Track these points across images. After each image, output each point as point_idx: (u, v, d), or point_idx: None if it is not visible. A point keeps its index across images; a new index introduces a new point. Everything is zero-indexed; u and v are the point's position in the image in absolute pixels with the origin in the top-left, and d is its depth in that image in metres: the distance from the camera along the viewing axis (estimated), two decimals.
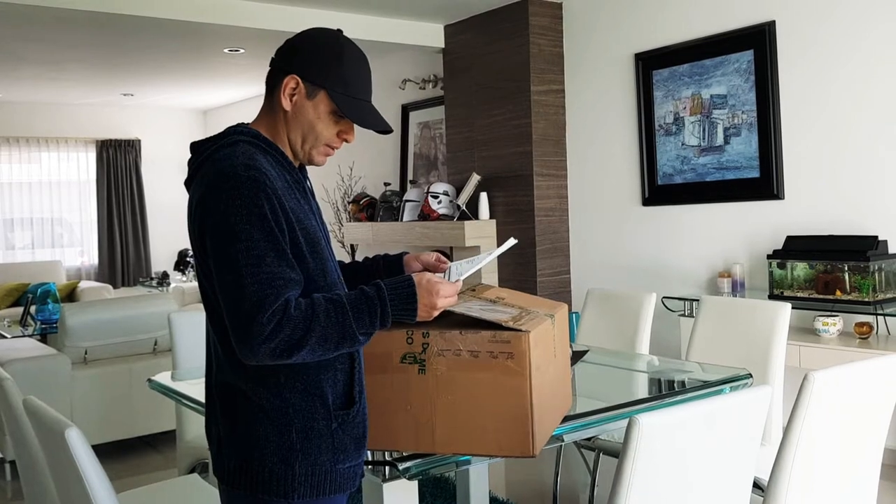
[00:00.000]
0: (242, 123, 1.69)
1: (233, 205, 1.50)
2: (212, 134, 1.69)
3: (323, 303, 1.53)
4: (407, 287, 1.60)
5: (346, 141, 1.73)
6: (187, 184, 1.67)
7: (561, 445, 3.53)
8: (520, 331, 1.70)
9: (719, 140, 4.71)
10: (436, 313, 1.65)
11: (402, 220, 6.15)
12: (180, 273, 9.35)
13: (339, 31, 1.72)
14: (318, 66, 1.66)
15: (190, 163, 1.67)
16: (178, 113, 10.30)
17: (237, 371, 1.59)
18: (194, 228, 1.58)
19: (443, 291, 1.63)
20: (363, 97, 1.71)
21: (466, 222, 5.58)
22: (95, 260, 9.74)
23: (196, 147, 1.67)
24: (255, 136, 1.65)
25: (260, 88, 8.66)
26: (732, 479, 1.82)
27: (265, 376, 1.58)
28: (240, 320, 1.48)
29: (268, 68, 1.71)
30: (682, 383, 2.70)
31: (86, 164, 9.68)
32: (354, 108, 1.68)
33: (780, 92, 4.41)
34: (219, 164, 1.56)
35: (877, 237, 3.91)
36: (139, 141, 9.92)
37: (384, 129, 1.72)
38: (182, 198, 10.33)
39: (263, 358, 1.49)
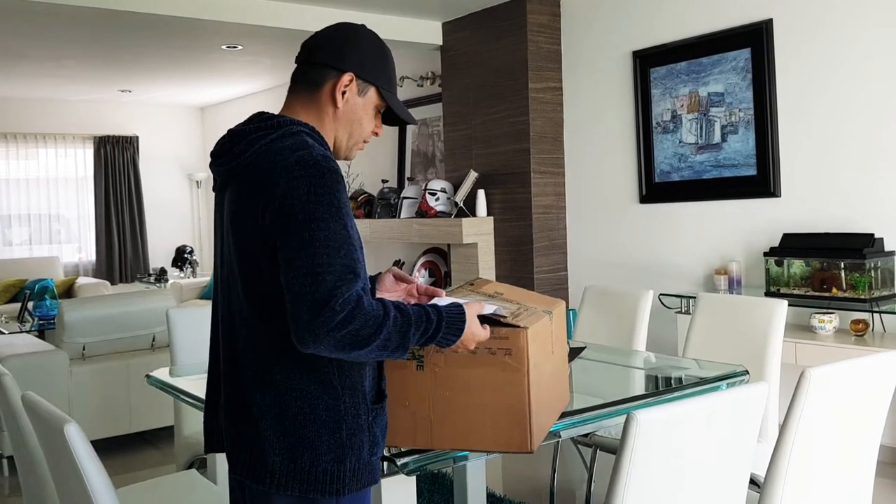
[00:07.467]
0: (282, 115, 1.65)
1: (315, 192, 1.49)
2: (216, 129, 1.67)
3: (392, 307, 1.52)
4: (459, 315, 1.61)
5: (376, 135, 1.77)
6: (228, 169, 1.63)
7: (558, 441, 3.55)
8: (518, 327, 1.70)
9: (716, 138, 4.72)
10: (472, 346, 1.66)
11: (399, 217, 6.16)
12: (178, 269, 9.34)
13: (364, 25, 1.74)
14: (371, 63, 1.68)
15: (226, 147, 1.63)
16: (176, 110, 10.29)
17: (298, 371, 1.56)
18: (256, 213, 1.54)
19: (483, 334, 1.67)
20: (396, 92, 1.77)
21: (464, 219, 5.59)
22: (93, 256, 9.73)
23: (239, 134, 1.62)
24: (311, 128, 1.63)
25: (258, 85, 8.65)
26: (729, 476, 1.83)
27: (324, 375, 1.57)
28: (309, 305, 1.44)
29: (279, 64, 1.71)
30: (679, 380, 2.71)
31: (83, 160, 9.66)
32: (398, 104, 1.74)
33: (777, 90, 4.42)
34: (294, 152, 1.53)
35: (873, 235, 3.92)
36: (137, 137, 9.90)
37: (415, 122, 1.80)
38: (180, 193, 10.33)
39: (326, 347, 1.46)
